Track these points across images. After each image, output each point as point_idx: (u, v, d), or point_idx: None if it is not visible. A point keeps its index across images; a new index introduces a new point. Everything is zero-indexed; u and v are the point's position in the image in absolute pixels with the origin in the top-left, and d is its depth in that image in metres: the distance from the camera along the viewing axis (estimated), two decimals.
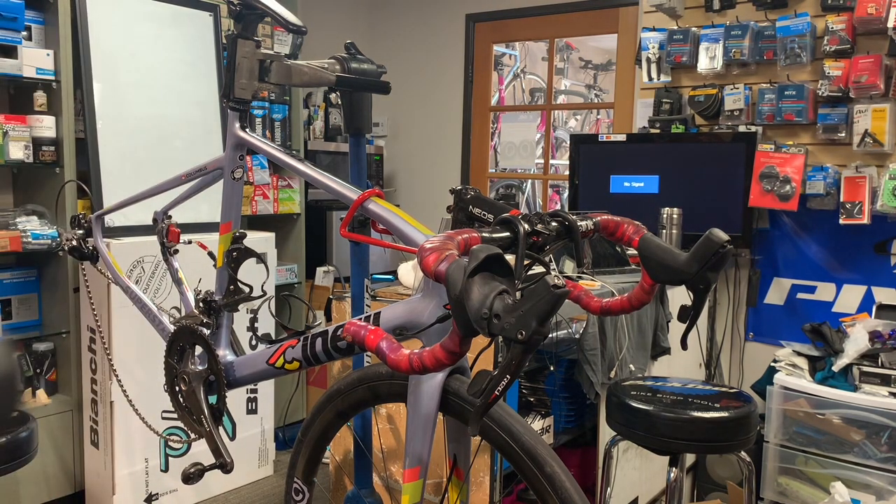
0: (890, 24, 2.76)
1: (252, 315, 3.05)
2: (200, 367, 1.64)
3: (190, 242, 1.97)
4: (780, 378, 2.81)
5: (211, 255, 1.72)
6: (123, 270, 2.41)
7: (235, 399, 3.21)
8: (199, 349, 1.67)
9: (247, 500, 3.15)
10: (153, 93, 3.06)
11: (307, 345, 1.31)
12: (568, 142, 4.02)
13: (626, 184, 3.35)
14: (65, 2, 2.77)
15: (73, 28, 2.81)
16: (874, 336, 2.65)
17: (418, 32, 4.75)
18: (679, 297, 2.74)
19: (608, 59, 6.14)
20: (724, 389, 2.10)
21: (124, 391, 2.31)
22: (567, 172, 3.63)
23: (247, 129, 1.69)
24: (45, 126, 2.78)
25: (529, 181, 5.94)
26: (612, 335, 2.43)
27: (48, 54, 2.76)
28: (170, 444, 2.93)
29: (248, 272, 1.67)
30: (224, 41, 3.24)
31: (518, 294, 0.78)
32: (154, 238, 1.98)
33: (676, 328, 2.72)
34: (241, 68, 1.64)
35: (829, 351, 2.77)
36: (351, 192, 1.38)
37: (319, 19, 4.51)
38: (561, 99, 6.21)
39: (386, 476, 2.26)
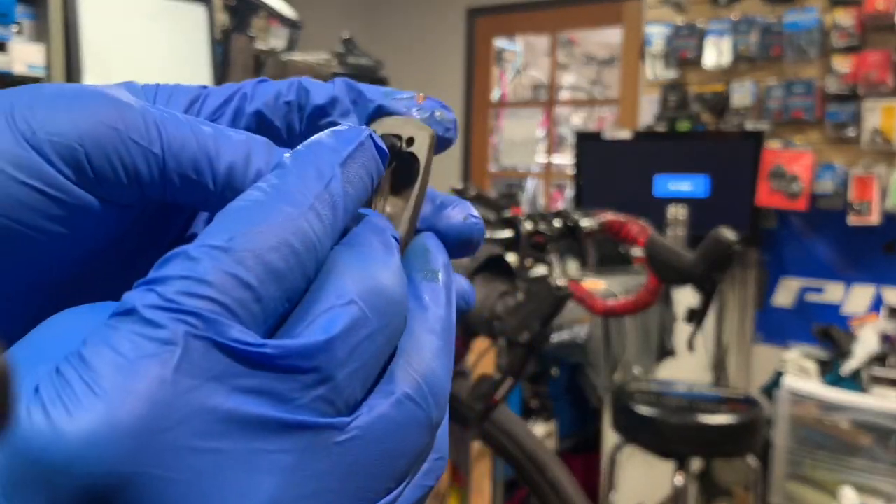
0: None
1: None
2: None
3: None
4: (788, 381, 2.77)
5: None
6: None
7: None
8: None
9: None
10: None
11: None
12: (571, 139, 3.98)
13: (632, 182, 3.31)
14: None
15: (64, 22, 2.78)
16: (884, 338, 2.61)
17: (418, 27, 4.71)
18: (684, 298, 2.70)
19: (611, 54, 6.10)
20: (730, 393, 2.08)
21: None
22: (570, 170, 3.59)
23: None
24: None
25: (531, 179, 5.90)
26: (616, 337, 2.39)
27: (39, 49, 2.73)
28: None
29: None
30: (218, 35, 3.22)
31: (520, 295, 0.74)
32: None
33: (682, 330, 2.68)
34: (236, 64, 1.60)
35: (838, 353, 2.74)
36: None
37: (317, 13, 4.47)
38: (564, 95, 6.17)
39: None
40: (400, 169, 0.23)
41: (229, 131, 0.22)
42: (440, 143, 0.25)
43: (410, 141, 0.24)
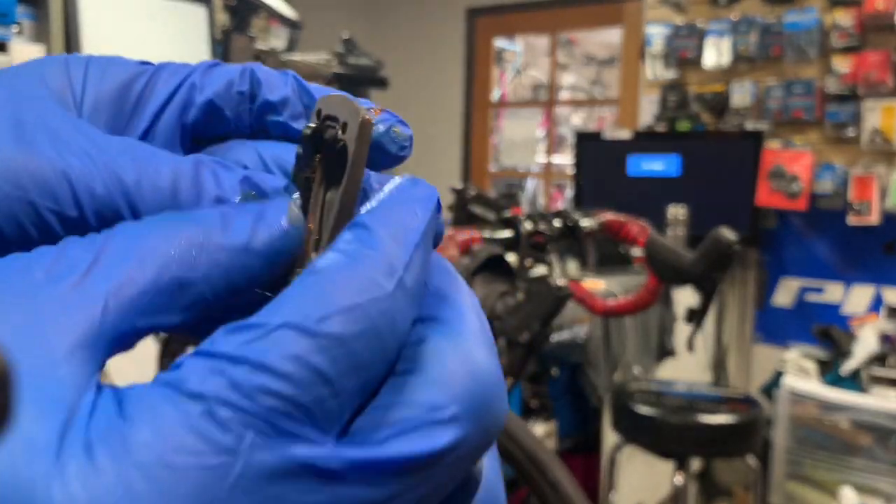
0: None
1: None
2: None
3: None
4: (787, 381, 2.77)
5: None
6: None
7: None
8: (191, 350, 1.62)
9: None
10: None
11: None
12: (571, 139, 3.98)
13: (632, 180, 3.30)
14: None
15: (64, 22, 2.78)
16: (884, 338, 2.60)
17: (418, 27, 4.71)
18: (684, 298, 2.70)
19: (611, 54, 6.09)
20: (730, 393, 2.08)
21: None
22: (570, 170, 3.58)
23: None
24: None
25: (531, 179, 5.90)
26: (616, 337, 2.39)
27: (39, 49, 2.72)
28: None
29: None
30: (218, 35, 3.22)
31: (520, 295, 0.74)
32: None
33: (682, 330, 2.68)
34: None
35: (838, 353, 2.73)
36: None
37: (317, 13, 4.47)
38: (564, 95, 6.16)
39: None
40: (337, 160, 0.20)
41: (152, 163, 0.19)
42: (392, 160, 0.22)
43: (344, 127, 0.20)
